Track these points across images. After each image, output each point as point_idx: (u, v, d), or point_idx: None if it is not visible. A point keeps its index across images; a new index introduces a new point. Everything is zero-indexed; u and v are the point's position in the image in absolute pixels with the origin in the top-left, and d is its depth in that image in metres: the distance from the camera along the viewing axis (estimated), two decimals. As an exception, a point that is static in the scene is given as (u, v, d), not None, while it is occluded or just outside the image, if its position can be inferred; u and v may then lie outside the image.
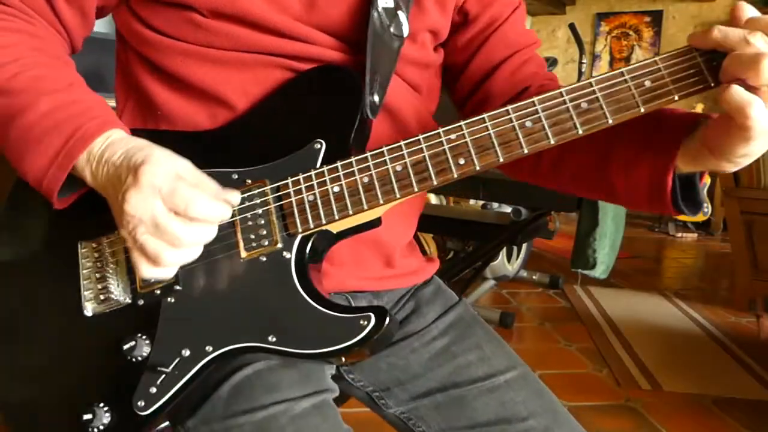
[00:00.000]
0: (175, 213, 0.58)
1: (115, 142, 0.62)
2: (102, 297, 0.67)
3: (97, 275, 0.67)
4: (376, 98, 0.69)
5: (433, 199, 3.18)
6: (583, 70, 3.18)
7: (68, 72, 0.67)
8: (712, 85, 0.57)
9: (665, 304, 3.30)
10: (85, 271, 0.68)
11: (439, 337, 0.82)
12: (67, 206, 0.66)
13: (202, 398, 0.66)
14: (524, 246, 3.27)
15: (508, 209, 2.53)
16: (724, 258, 4.65)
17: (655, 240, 5.42)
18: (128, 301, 0.66)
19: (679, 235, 5.57)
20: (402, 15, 0.72)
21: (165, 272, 0.61)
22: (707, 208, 5.33)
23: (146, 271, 0.60)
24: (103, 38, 0.73)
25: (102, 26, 0.77)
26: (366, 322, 0.60)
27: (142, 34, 0.72)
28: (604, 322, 2.92)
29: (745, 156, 0.58)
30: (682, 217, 5.40)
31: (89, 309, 0.67)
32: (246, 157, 0.67)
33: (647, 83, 0.58)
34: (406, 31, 0.73)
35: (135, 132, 0.67)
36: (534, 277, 3.56)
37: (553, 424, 0.75)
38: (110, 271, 0.67)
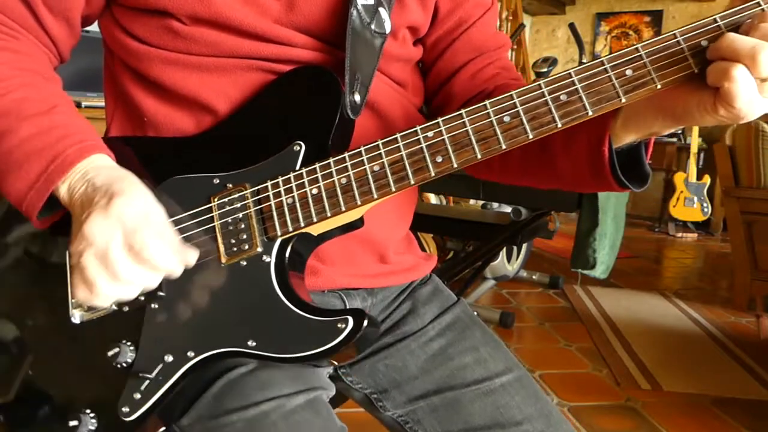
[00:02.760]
0: (129, 249, 0.58)
1: (99, 167, 0.63)
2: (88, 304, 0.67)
3: None
4: (357, 97, 0.69)
5: (433, 199, 3.17)
6: (582, 69, 3.17)
7: (52, 92, 0.67)
8: (696, 71, 0.54)
9: (665, 304, 3.30)
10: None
11: (435, 339, 0.81)
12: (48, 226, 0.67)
13: (190, 401, 0.66)
14: (524, 246, 3.27)
15: (508, 209, 2.53)
16: (724, 258, 4.65)
17: (655, 240, 5.42)
18: (114, 307, 0.66)
19: (679, 235, 5.57)
20: (383, 12, 0.72)
21: (97, 301, 0.60)
22: (707, 207, 5.33)
23: (80, 293, 0.60)
24: (101, 38, 0.73)
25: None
26: (344, 325, 0.60)
27: (124, 43, 0.72)
28: (604, 322, 2.92)
29: (697, 125, 0.58)
30: (682, 217, 5.40)
31: (77, 316, 0.67)
32: (228, 162, 0.67)
33: (628, 72, 0.56)
34: (388, 28, 0.72)
35: (123, 140, 0.68)
36: (534, 277, 3.55)
37: (548, 428, 0.75)
38: None
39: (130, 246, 0.58)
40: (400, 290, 0.86)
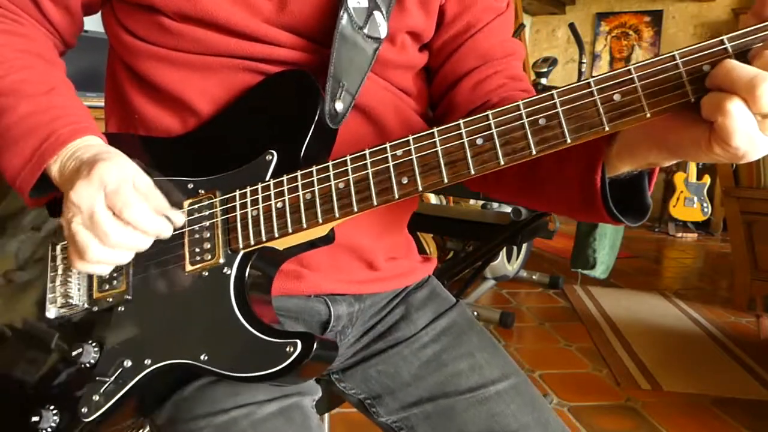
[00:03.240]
0: (112, 210, 0.59)
1: (91, 145, 0.64)
2: (63, 301, 0.67)
3: (62, 278, 0.68)
4: (339, 106, 0.66)
5: (433, 199, 3.17)
6: (583, 70, 3.17)
7: (53, 74, 0.68)
8: (692, 100, 0.48)
9: (665, 304, 3.30)
10: (51, 274, 0.68)
11: (429, 344, 0.79)
12: (42, 205, 0.69)
13: (158, 402, 0.66)
14: (524, 246, 3.27)
15: (508, 209, 2.52)
16: (724, 258, 4.64)
17: (655, 240, 5.42)
18: (86, 306, 0.66)
19: (679, 235, 5.57)
20: (379, 16, 0.68)
21: (92, 267, 0.61)
22: (707, 207, 5.33)
23: (75, 261, 0.61)
24: (102, 38, 0.73)
25: (100, 25, 0.77)
26: (292, 349, 0.57)
27: (120, 37, 0.72)
28: (604, 322, 2.92)
29: (695, 161, 0.51)
30: (682, 217, 5.40)
31: (52, 311, 0.67)
32: (204, 166, 0.66)
33: (616, 97, 0.50)
34: (383, 33, 0.69)
35: (113, 136, 0.68)
36: (534, 277, 3.55)
37: None
38: (73, 274, 0.67)
39: (113, 206, 0.58)
40: (393, 295, 0.84)
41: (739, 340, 2.75)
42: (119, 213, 0.58)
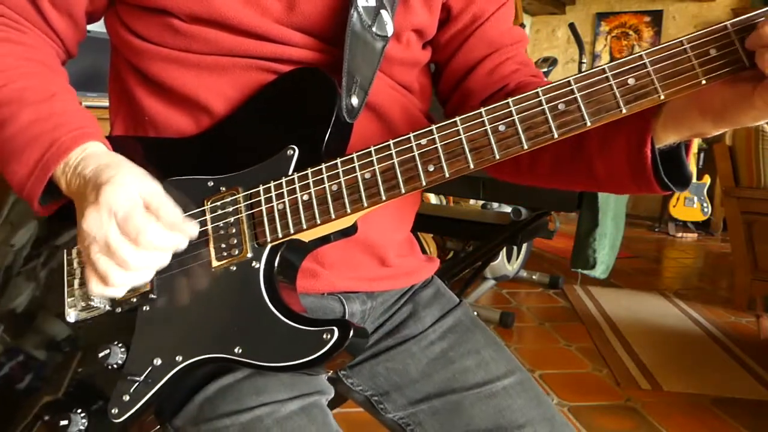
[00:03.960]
0: (127, 237, 0.58)
1: (90, 156, 0.63)
2: (83, 304, 0.67)
3: (80, 281, 0.67)
4: (355, 101, 0.67)
5: (433, 199, 3.17)
6: (583, 69, 3.17)
7: (54, 81, 0.68)
8: (703, 82, 0.52)
9: (665, 304, 3.30)
10: (69, 278, 0.68)
11: (437, 342, 0.81)
12: (53, 213, 0.68)
13: (182, 402, 0.66)
14: (524, 246, 3.27)
15: (508, 209, 2.53)
16: (724, 258, 4.64)
17: (655, 240, 5.42)
18: (107, 308, 0.66)
19: (679, 235, 5.57)
20: (386, 14, 0.70)
21: (114, 291, 0.61)
22: (707, 207, 5.33)
23: (95, 287, 0.61)
24: (103, 38, 0.73)
25: (101, 26, 0.77)
26: (329, 336, 0.58)
27: (126, 40, 0.72)
28: (604, 322, 2.92)
29: (739, 125, 0.55)
30: (682, 217, 5.40)
31: (72, 315, 0.67)
32: (223, 164, 0.67)
33: (631, 81, 0.54)
34: (390, 31, 0.71)
35: (122, 139, 0.68)
36: (534, 277, 3.55)
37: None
38: None
39: (127, 234, 0.58)
40: (401, 293, 0.85)
41: (739, 340, 2.76)
42: (135, 240, 0.58)
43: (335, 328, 0.59)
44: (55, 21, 0.71)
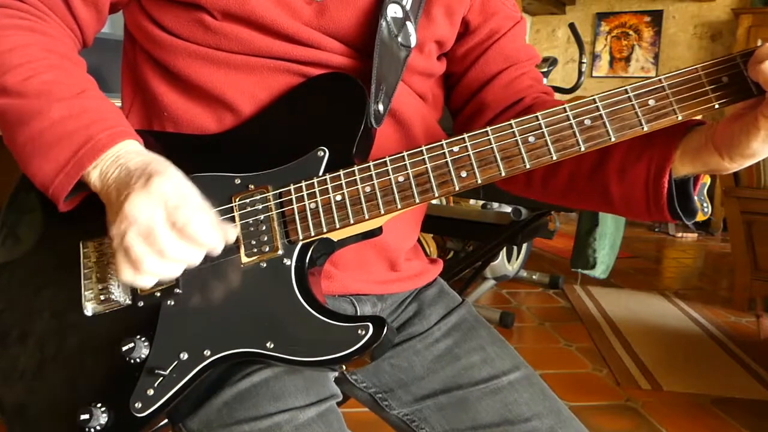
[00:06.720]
0: (172, 225, 0.58)
1: (131, 152, 0.63)
2: (102, 297, 0.67)
3: (98, 275, 0.67)
4: (381, 107, 0.69)
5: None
6: (583, 69, 3.17)
7: (80, 75, 0.67)
8: (716, 106, 0.58)
9: (665, 304, 3.30)
10: (86, 271, 0.68)
11: (442, 339, 0.82)
12: (72, 208, 0.67)
13: (201, 400, 0.66)
14: (524, 246, 3.27)
15: (508, 209, 2.53)
16: (724, 258, 4.65)
17: (655, 240, 5.42)
18: (128, 302, 0.66)
19: (679, 235, 5.57)
20: (410, 25, 0.73)
21: (143, 280, 0.60)
22: (707, 207, 5.33)
23: (126, 274, 0.60)
24: (105, 38, 0.73)
25: (106, 26, 0.77)
26: (364, 332, 0.60)
27: (151, 33, 0.71)
28: (604, 322, 2.92)
29: (753, 156, 0.58)
30: (682, 217, 5.40)
31: (89, 309, 0.67)
32: (250, 162, 0.67)
33: (651, 102, 0.59)
34: (413, 42, 0.73)
35: (141, 133, 0.67)
36: (534, 277, 3.55)
37: (557, 425, 0.75)
38: (112, 271, 0.67)
39: (174, 222, 0.58)
40: (407, 294, 0.86)
41: (739, 340, 2.76)
42: (181, 228, 0.58)
43: (370, 324, 0.60)
44: (80, 11, 0.70)
